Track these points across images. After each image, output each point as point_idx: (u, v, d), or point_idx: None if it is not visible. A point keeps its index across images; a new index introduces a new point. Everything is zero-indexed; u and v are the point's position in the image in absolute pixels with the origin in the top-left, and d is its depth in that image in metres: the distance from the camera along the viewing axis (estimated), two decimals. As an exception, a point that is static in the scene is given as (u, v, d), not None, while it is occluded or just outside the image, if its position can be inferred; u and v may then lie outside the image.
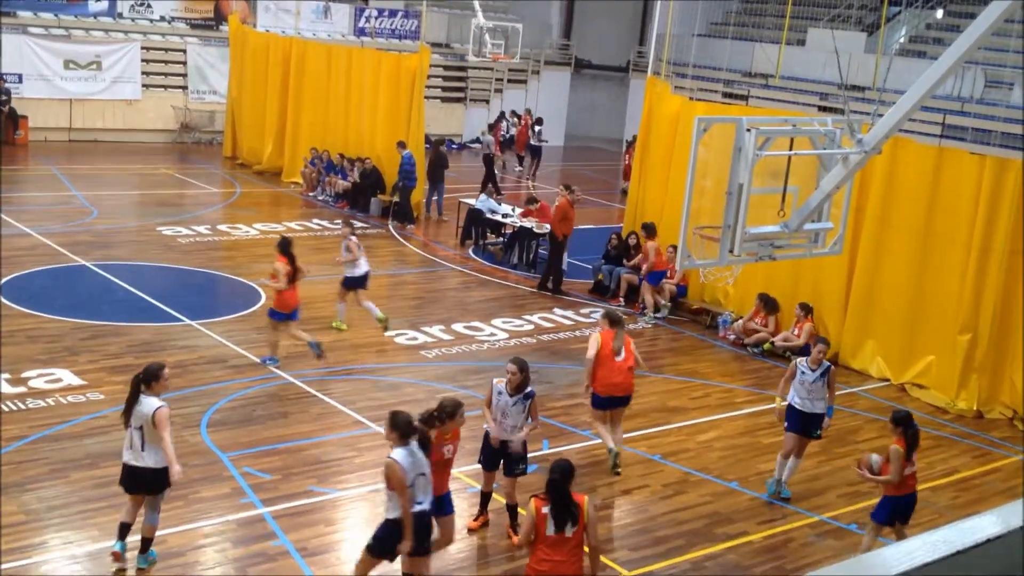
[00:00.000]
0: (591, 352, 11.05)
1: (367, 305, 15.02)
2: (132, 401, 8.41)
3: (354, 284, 15.07)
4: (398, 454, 7.74)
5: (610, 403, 11.21)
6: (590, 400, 11.24)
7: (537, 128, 31.16)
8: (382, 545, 7.93)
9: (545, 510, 7.35)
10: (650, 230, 17.30)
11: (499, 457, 9.65)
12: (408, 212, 22.41)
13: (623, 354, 11.10)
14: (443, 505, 8.58)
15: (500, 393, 9.55)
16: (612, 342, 11.03)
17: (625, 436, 12.04)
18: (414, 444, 7.86)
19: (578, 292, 18.41)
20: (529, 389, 9.55)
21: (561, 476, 7.41)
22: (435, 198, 23.48)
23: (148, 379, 8.45)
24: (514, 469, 9.68)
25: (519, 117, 31.95)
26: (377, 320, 15.04)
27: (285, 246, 13.50)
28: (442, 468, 8.57)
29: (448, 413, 8.57)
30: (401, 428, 7.84)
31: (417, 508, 7.83)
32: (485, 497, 9.93)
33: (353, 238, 15.18)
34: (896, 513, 9.55)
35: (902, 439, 9.35)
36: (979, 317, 14.11)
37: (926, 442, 13.08)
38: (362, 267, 15.03)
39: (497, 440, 9.57)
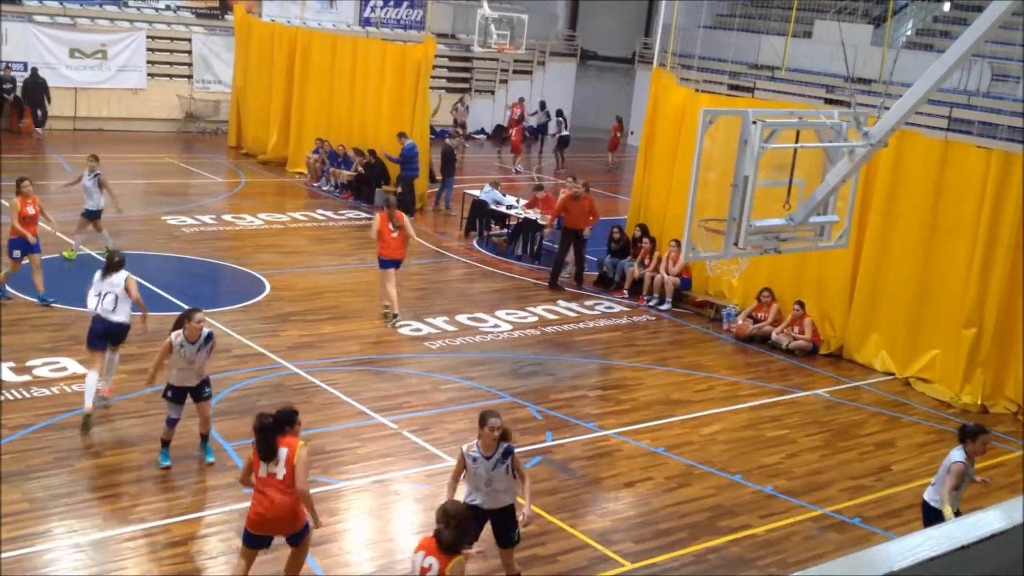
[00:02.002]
0: (374, 232, 15.15)
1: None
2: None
3: None
4: None
5: (389, 264, 15.05)
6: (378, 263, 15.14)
7: (559, 119, 32.18)
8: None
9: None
10: None
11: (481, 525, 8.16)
12: (410, 203, 22.38)
13: (396, 232, 14.96)
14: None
15: (475, 460, 8.02)
16: (388, 222, 14.96)
17: (628, 428, 12.08)
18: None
19: (585, 285, 18.38)
20: (506, 444, 8.09)
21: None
22: (444, 192, 23.45)
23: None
24: (512, 537, 8.33)
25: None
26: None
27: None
28: None
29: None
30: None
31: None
32: None
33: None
34: None
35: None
36: (984, 311, 14.08)
37: (929, 436, 13.11)
38: None
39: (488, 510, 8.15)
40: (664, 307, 17.31)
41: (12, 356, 12.47)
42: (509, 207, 20.78)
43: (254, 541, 7.89)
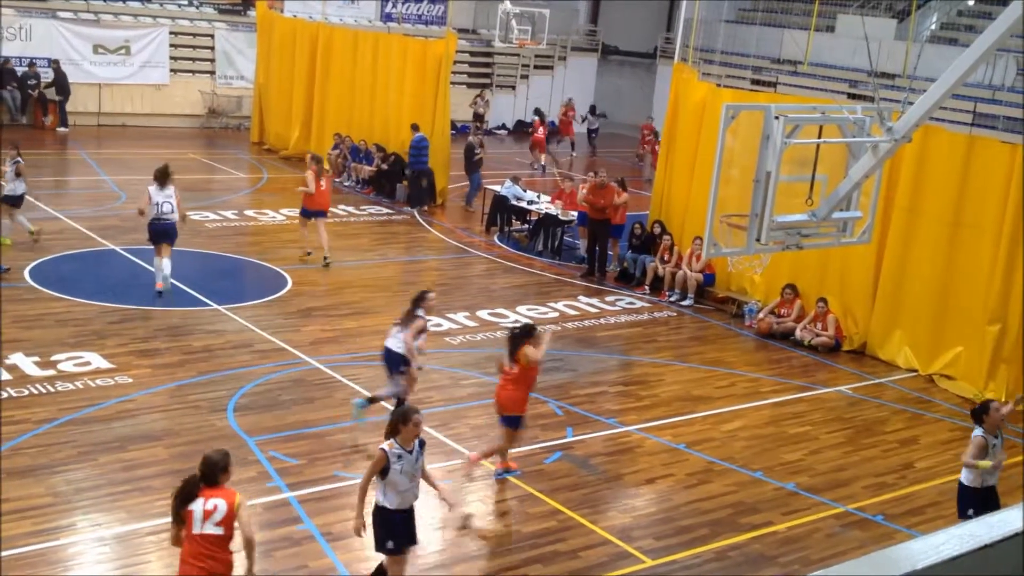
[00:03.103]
0: (311, 186, 17.13)
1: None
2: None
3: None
4: None
5: (314, 215, 17.36)
6: (300, 212, 17.53)
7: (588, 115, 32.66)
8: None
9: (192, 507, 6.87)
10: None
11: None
12: (421, 196, 22.41)
13: (324, 183, 17.35)
14: None
15: (400, 457, 7.74)
16: (319, 177, 17.23)
17: (650, 424, 12.09)
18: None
19: (606, 280, 18.37)
20: (420, 438, 7.94)
21: (207, 469, 6.94)
22: (469, 190, 23.45)
23: None
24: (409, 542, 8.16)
25: (540, 115, 31.54)
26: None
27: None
28: None
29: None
30: None
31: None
32: None
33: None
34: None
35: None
36: (1008, 307, 13.96)
37: (953, 433, 13.01)
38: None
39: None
40: (686, 303, 17.26)
41: (37, 351, 12.58)
42: (530, 202, 20.77)
43: None
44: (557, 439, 11.61)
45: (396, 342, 10.96)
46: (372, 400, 11.30)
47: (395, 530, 7.94)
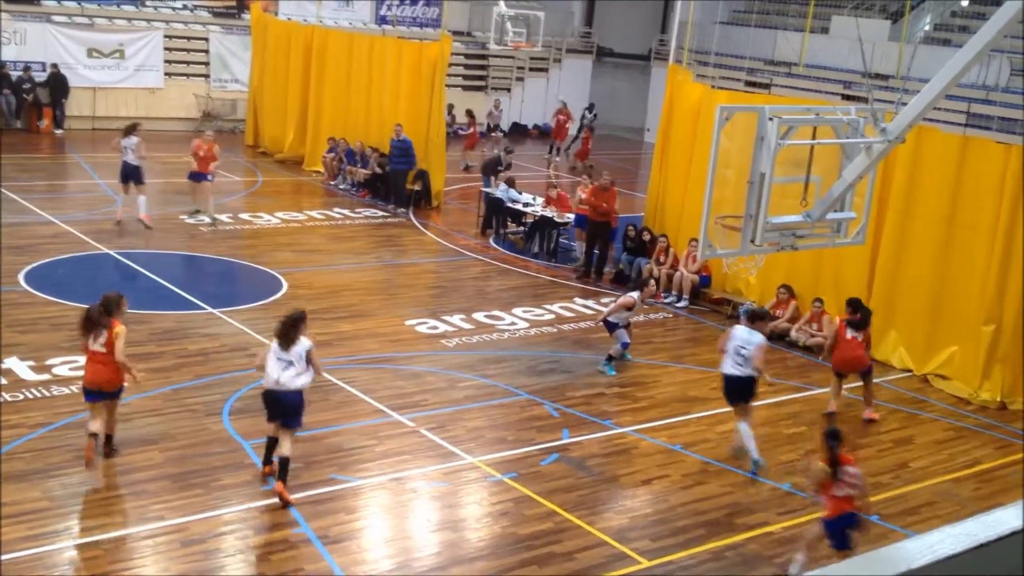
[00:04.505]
0: (198, 150, 19.57)
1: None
2: None
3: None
4: None
5: (205, 177, 19.80)
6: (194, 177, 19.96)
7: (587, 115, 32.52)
8: None
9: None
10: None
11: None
12: (402, 196, 22.43)
13: (206, 150, 19.83)
14: None
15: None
16: (202, 145, 19.78)
17: (645, 425, 12.16)
18: None
19: (602, 282, 18.39)
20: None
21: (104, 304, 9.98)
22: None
23: None
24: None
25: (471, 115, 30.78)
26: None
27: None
28: None
29: None
30: None
31: None
32: None
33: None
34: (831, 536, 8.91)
35: (826, 456, 8.82)
36: (1003, 307, 13.99)
37: (948, 433, 13.03)
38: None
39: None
40: (681, 304, 17.28)
41: (32, 355, 12.56)
42: (525, 204, 20.78)
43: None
44: (553, 441, 11.61)
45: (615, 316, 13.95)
46: (611, 359, 13.92)
47: None
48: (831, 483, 8.74)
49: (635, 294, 14.18)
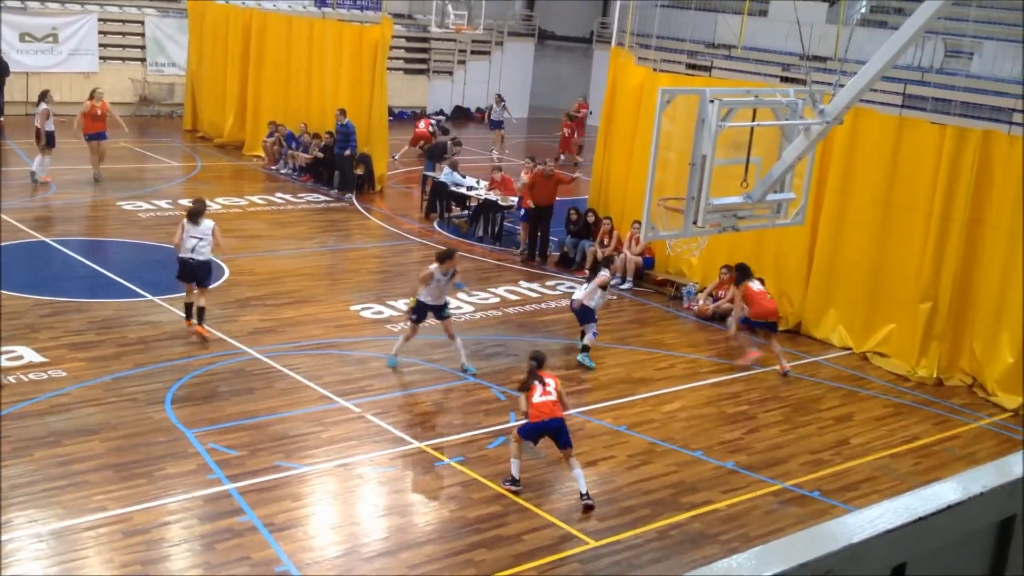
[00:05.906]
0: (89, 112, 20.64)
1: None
2: None
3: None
4: None
5: (102, 136, 21.08)
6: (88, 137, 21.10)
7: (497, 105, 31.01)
8: None
9: None
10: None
11: None
12: (348, 181, 22.28)
13: (101, 110, 21.23)
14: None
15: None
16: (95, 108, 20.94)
17: (591, 407, 12.21)
18: None
19: (547, 265, 18.44)
20: None
21: None
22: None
23: None
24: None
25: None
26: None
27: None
28: None
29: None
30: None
31: None
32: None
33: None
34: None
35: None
36: (939, 286, 14.27)
37: (886, 409, 13.28)
38: None
39: None
40: (625, 286, 17.38)
41: (-33, 346, 12.30)
42: (469, 188, 20.74)
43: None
44: (500, 424, 11.64)
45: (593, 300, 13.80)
46: (586, 349, 13.76)
47: None
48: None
49: (605, 272, 14.21)
